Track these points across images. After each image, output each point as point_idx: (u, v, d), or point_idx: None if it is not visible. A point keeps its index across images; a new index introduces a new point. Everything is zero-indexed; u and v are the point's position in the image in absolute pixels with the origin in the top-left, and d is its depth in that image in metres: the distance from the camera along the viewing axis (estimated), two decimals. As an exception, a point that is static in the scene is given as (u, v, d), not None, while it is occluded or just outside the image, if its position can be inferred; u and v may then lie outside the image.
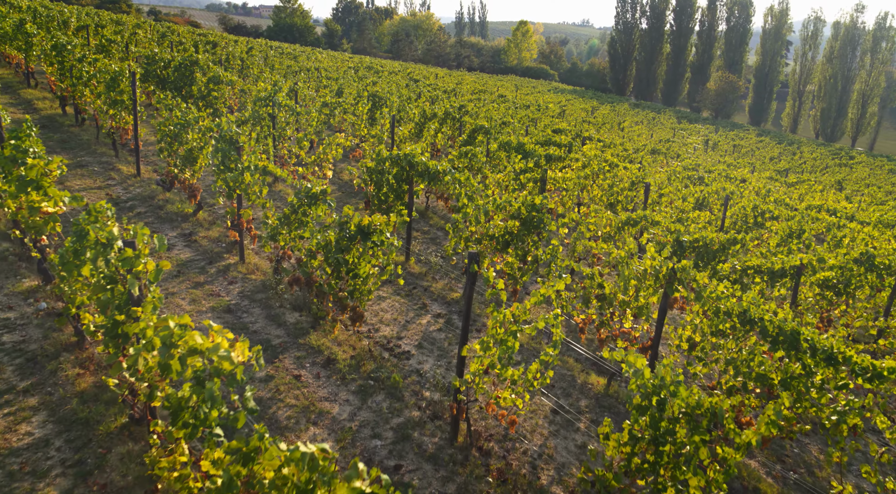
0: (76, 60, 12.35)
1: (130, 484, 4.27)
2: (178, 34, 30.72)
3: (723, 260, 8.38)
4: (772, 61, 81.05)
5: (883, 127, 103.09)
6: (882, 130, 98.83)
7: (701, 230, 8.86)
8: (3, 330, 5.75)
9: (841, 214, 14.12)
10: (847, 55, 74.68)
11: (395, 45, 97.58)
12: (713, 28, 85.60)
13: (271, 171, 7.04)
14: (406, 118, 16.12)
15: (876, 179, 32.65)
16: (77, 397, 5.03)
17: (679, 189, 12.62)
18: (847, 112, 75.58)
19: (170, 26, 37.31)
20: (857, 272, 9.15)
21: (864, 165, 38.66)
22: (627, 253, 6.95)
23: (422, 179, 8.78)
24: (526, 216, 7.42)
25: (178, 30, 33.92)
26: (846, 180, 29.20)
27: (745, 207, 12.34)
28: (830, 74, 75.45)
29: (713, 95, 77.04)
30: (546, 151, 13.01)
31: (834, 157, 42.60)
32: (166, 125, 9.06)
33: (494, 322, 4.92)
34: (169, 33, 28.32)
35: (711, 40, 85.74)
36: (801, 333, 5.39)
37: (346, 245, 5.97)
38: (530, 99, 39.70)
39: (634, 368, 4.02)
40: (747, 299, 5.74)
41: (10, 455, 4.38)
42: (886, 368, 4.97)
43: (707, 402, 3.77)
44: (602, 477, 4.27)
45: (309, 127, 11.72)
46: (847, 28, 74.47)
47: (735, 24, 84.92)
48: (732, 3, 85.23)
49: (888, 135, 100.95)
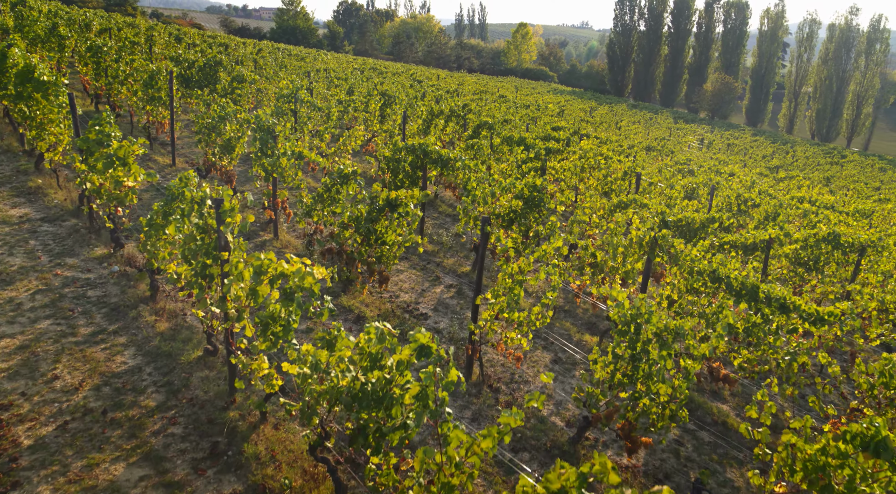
0: (113, 61, 13.40)
1: (212, 398, 5.31)
2: (190, 36, 31.78)
3: (703, 237, 9.43)
4: (768, 63, 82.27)
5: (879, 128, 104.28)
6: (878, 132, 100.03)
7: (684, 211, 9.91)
8: (87, 287, 6.80)
9: (820, 204, 15.18)
10: (842, 57, 75.88)
11: (397, 47, 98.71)
12: (710, 30, 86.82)
13: (306, 156, 8.08)
14: (414, 115, 17.18)
15: (865, 176, 33.72)
16: (158, 336, 6.08)
17: (668, 179, 13.68)
18: (842, 113, 76.74)
19: (180, 28, 38.37)
20: (824, 250, 10.21)
21: (856, 164, 39.75)
22: (616, 225, 8.00)
23: (435, 165, 9.83)
24: (528, 196, 8.47)
25: (189, 32, 34.99)
26: (835, 177, 30.26)
27: (730, 195, 13.40)
28: (826, 75, 76.63)
29: (709, 96, 78.20)
30: (546, 145, 14.06)
31: (826, 155, 43.68)
32: (204, 119, 10.10)
33: (503, 275, 5.97)
34: (182, 36, 29.37)
35: (709, 42, 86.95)
36: (759, 287, 6.44)
37: (376, 216, 7.02)
38: (530, 99, 40.79)
39: (617, 301, 5.06)
40: (716, 260, 6.79)
41: (113, 377, 5.42)
42: (827, 312, 6.02)
43: (672, 324, 4.82)
44: (592, 393, 5.31)
45: (329, 121, 12.77)
46: (842, 30, 75.68)
47: (732, 26, 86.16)
48: (729, 6, 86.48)
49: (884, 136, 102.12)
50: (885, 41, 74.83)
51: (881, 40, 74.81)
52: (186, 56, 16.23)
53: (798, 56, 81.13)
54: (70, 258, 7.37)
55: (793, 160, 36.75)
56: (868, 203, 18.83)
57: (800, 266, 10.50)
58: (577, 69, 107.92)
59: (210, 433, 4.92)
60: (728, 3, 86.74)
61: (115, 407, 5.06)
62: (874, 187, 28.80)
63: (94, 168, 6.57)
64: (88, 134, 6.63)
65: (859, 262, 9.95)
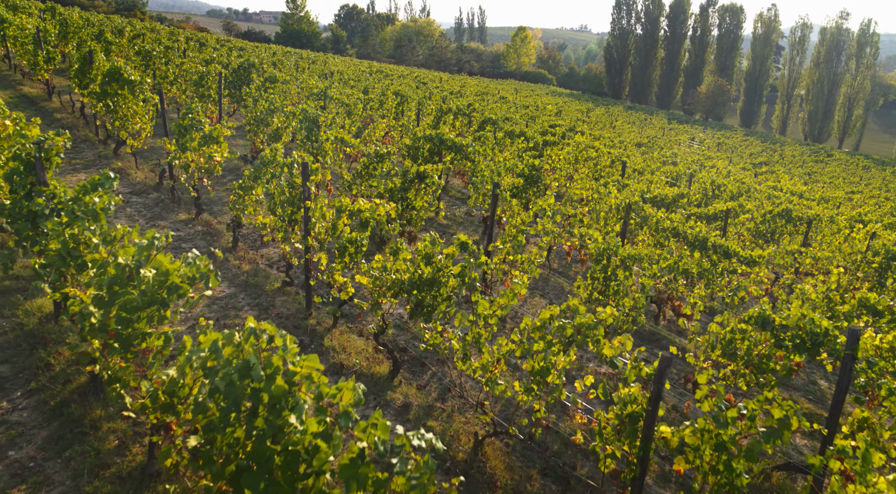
0: (163, 64, 15.24)
1: (293, 313, 7.14)
2: (209, 41, 33.65)
3: (674, 210, 11.26)
4: (761, 66, 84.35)
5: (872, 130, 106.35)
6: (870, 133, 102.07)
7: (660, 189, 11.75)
8: (180, 242, 8.63)
9: (787, 190, 17.02)
10: (833, 60, 77.94)
11: (398, 51, 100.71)
12: (706, 34, 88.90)
13: (347, 141, 9.92)
14: (424, 112, 19.03)
15: (847, 173, 35.59)
16: (243, 274, 7.91)
17: (649, 165, 15.53)
18: (834, 115, 78.74)
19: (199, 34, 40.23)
20: (779, 224, 12.06)
21: (840, 163, 41.63)
22: (601, 196, 9.84)
23: (449, 151, 11.67)
24: (528, 174, 10.30)
25: (206, 37, 36.86)
26: (817, 173, 32.13)
27: (705, 181, 15.25)
28: (817, 78, 78.67)
29: (703, 98, 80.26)
30: (544, 138, 15.92)
31: (813, 154, 45.58)
32: (253, 112, 11.94)
33: (509, 226, 7.80)
34: (204, 41, 31.25)
35: (704, 46, 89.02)
36: (708, 238, 8.28)
37: (408, 186, 8.85)
38: (529, 101, 42.68)
39: (593, 238, 6.90)
40: (676, 219, 8.63)
41: (217, 300, 7.25)
42: (757, 255, 7.86)
43: (633, 252, 6.65)
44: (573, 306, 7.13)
45: (354, 116, 14.62)
46: (832, 34, 77.73)
47: (726, 30, 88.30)
48: (724, 10, 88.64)
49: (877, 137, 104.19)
50: (874, 45, 76.91)
51: (871, 44, 76.89)
52: (220, 58, 18.08)
53: (790, 59, 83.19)
54: (161, 221, 9.21)
55: (779, 158, 38.63)
56: (837, 192, 20.70)
57: (759, 238, 12.34)
58: (575, 72, 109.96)
59: (296, 334, 6.75)
60: (723, 8, 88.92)
61: (224, 318, 6.88)
62: (852, 181, 30.66)
63: (187, 147, 8.40)
64: (182, 121, 8.47)
65: (808, 233, 11.81)
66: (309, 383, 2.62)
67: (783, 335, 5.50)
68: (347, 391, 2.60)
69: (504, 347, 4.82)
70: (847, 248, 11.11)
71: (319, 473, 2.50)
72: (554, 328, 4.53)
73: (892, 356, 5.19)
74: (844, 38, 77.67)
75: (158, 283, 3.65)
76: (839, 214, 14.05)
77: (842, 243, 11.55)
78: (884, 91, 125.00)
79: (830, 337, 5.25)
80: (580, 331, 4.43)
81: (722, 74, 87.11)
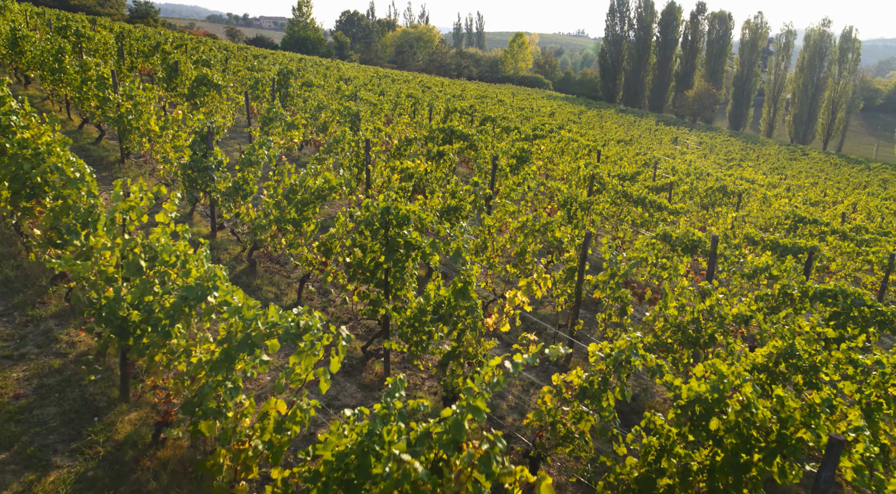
0: (220, 71, 18.52)
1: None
2: (231, 50, 37.00)
3: (633, 183, 14.55)
4: (749, 71, 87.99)
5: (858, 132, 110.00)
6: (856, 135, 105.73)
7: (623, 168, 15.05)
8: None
9: (738, 176, 20.33)
10: (816, 65, 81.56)
11: (400, 57, 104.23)
12: (696, 40, 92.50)
13: (383, 130, 13.20)
14: (434, 112, 22.36)
15: (815, 169, 38.96)
16: (317, 221, 11.17)
17: (623, 155, 18.86)
18: (818, 117, 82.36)
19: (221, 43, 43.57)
20: (718, 197, 15.37)
21: (811, 161, 45.00)
22: (574, 169, 13.14)
23: (458, 140, 14.95)
24: (519, 155, 13.58)
25: (230, 46, 40.20)
26: (785, 169, 35.49)
27: (667, 168, 18.56)
28: (802, 82, 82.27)
29: (691, 101, 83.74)
30: (534, 132, 19.25)
31: (789, 153, 48.97)
32: (304, 109, 15.20)
33: (503, 187, 11.06)
34: (226, 49, 34.59)
35: (694, 51, 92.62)
36: (645, 196, 11.58)
37: (429, 166, 12.12)
38: (525, 104, 46.05)
39: (560, 190, 10.17)
40: (625, 186, 11.93)
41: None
42: (678, 206, 11.16)
43: (591, 198, 9.93)
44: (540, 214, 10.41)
45: (382, 113, 17.92)
46: (815, 40, 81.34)
47: (716, 36, 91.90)
48: (713, 17, 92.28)
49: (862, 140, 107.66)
50: (856, 50, 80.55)
51: (852, 49, 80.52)
52: (260, 66, 21.40)
53: (776, 64, 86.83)
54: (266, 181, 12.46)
55: (755, 157, 42.02)
56: (790, 182, 24.02)
57: (703, 209, 15.64)
58: (571, 77, 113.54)
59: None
60: (712, 14, 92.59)
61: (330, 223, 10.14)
62: (816, 174, 34.00)
63: (270, 132, 11.66)
64: (268, 114, 11.75)
65: (738, 203, 15.12)
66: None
67: (675, 243, 8.78)
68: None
69: (498, 243, 8.08)
70: (768, 213, 14.42)
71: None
72: (528, 227, 7.81)
73: (741, 242, 8.48)
74: (827, 44, 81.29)
75: (319, 188, 6.91)
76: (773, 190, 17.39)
77: (764, 210, 14.86)
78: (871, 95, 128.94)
79: (702, 242, 8.53)
80: (543, 226, 7.69)
81: (712, 78, 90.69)
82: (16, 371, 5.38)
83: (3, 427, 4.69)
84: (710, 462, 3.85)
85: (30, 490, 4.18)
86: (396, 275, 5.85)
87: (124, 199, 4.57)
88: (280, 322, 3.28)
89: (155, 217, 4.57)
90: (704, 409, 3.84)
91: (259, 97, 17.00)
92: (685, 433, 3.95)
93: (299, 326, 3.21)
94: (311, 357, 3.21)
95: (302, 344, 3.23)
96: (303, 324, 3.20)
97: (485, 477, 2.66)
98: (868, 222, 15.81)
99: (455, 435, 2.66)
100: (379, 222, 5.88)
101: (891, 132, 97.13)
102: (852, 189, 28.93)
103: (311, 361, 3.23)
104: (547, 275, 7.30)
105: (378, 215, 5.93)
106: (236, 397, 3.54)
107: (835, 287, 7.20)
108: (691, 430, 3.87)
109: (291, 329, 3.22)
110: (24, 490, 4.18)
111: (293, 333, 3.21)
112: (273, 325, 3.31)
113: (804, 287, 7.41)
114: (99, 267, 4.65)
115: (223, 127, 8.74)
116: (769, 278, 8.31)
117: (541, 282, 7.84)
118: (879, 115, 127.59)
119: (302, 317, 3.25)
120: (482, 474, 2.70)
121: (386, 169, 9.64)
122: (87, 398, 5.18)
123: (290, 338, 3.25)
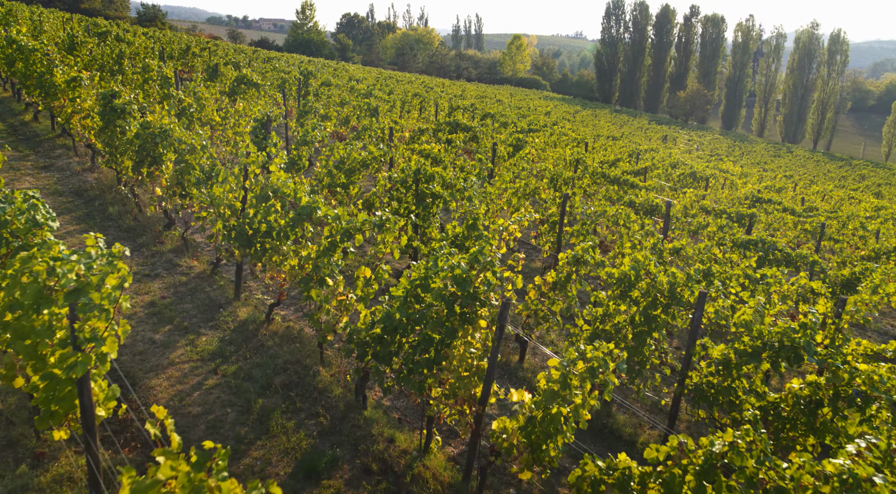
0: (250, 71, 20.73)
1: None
2: (245, 52, 39.24)
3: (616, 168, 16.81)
4: (741, 72, 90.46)
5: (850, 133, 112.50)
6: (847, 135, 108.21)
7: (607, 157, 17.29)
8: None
9: (714, 167, 22.61)
10: (805, 67, 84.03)
11: (400, 58, 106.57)
12: (690, 42, 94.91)
13: (399, 123, 15.44)
14: (440, 109, 24.62)
15: (795, 165, 41.25)
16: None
17: (606, 146, 21.11)
18: (808, 118, 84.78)
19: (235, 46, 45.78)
20: (689, 181, 17.65)
21: (794, 158, 47.31)
22: (562, 154, 15.41)
23: (462, 131, 17.20)
24: (515, 143, 15.83)
25: (245, 49, 42.43)
26: (766, 164, 37.77)
27: (647, 159, 20.82)
28: (792, 83, 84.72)
29: (683, 101, 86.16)
30: (529, 127, 21.51)
31: (774, 151, 51.29)
32: (328, 105, 17.43)
33: (502, 170, 13.31)
34: (243, 52, 36.83)
35: (688, 53, 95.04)
36: (619, 176, 13.84)
37: (441, 149, 14.37)
38: (522, 103, 48.33)
39: (548, 168, 12.43)
40: (605, 168, 14.19)
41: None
42: (648, 185, 13.42)
43: (575, 175, 12.19)
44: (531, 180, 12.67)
45: (395, 109, 20.16)
46: (804, 43, 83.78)
47: (709, 38, 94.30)
48: (707, 20, 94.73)
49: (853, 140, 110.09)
50: (844, 53, 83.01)
51: (840, 52, 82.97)
52: (281, 68, 23.64)
53: (767, 66, 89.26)
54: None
55: (740, 154, 44.31)
56: (766, 174, 26.27)
57: (673, 191, 17.91)
58: (568, 78, 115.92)
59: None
60: (706, 17, 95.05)
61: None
62: (794, 168, 36.28)
63: (305, 123, 13.88)
64: (304, 108, 13.99)
65: (706, 185, 17.39)
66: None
67: (638, 208, 11.03)
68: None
69: (497, 205, 10.32)
70: (731, 196, 16.69)
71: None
72: (521, 191, 10.04)
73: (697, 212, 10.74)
74: (816, 47, 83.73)
75: (364, 158, 9.16)
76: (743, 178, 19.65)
77: (729, 192, 17.13)
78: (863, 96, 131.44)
79: (658, 207, 10.77)
80: (532, 190, 9.94)
81: (705, 79, 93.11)
82: (156, 284, 7.62)
83: (164, 312, 6.92)
84: (631, 318, 6.10)
85: (193, 343, 6.41)
86: (425, 216, 8.09)
87: (247, 156, 6.82)
88: (369, 219, 5.53)
89: (269, 167, 6.82)
90: (627, 284, 6.09)
91: (287, 95, 19.23)
92: (618, 302, 6.19)
93: (382, 219, 5.46)
94: (391, 234, 5.46)
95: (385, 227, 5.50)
96: (384, 218, 5.45)
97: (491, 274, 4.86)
98: (823, 204, 18.08)
99: (474, 258, 4.90)
100: (412, 180, 8.13)
101: (880, 132, 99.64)
102: (830, 183, 31.21)
103: (390, 237, 5.47)
104: (532, 209, 9.55)
105: (411, 175, 8.17)
106: (335, 271, 5.79)
107: (756, 237, 9.46)
108: (620, 296, 6.12)
109: (376, 222, 5.48)
110: (189, 343, 6.42)
111: (378, 224, 5.46)
112: (363, 221, 5.56)
113: (734, 238, 9.67)
114: (229, 201, 6.89)
115: (279, 116, 10.97)
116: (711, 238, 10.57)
117: (527, 215, 10.02)
118: (871, 115, 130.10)
119: (383, 214, 5.51)
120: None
121: (406, 151, 11.89)
122: (212, 297, 7.42)
123: (375, 228, 5.50)
